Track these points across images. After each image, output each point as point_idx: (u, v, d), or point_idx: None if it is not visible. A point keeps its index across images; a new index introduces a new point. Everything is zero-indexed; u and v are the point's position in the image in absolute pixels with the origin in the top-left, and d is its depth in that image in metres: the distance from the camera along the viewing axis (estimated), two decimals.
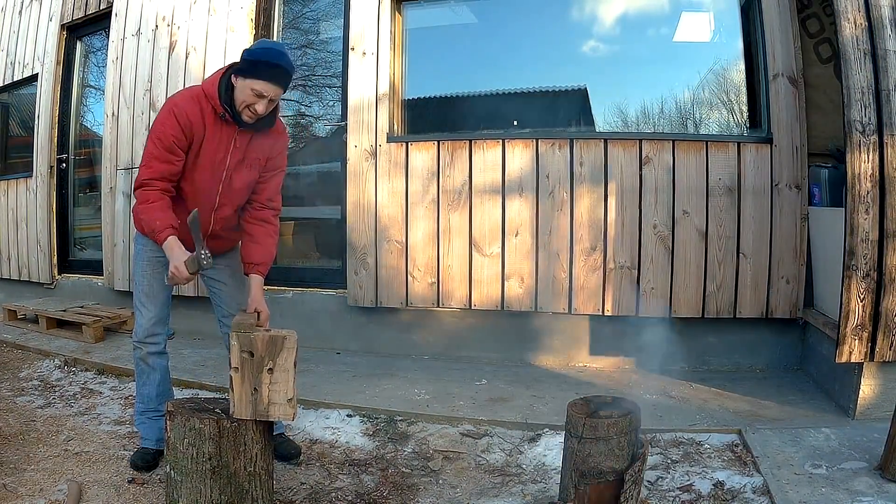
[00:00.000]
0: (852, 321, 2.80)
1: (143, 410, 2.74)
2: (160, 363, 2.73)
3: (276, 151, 2.63)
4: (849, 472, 2.39)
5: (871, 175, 2.76)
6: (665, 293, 3.68)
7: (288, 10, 4.66)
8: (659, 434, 2.84)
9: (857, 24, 2.81)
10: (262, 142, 2.55)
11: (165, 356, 2.76)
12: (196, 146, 2.45)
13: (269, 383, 2.10)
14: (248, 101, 2.37)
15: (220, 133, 2.46)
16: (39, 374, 3.92)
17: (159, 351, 2.71)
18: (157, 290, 2.66)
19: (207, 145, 2.46)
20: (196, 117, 2.42)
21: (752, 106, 3.79)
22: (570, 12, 4.10)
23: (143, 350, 2.68)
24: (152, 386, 2.71)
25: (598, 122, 4.03)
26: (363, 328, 4.23)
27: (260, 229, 2.64)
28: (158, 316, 2.67)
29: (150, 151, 2.44)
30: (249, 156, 2.54)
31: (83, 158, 5.64)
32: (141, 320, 2.67)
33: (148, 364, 2.70)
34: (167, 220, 2.42)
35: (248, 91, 2.36)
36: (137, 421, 2.78)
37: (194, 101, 2.43)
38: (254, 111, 2.39)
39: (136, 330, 2.70)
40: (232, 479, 2.07)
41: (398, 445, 2.88)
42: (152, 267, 2.65)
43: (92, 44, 5.59)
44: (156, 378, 2.72)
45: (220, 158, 2.49)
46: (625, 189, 3.71)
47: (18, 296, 5.68)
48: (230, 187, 2.55)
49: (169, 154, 2.42)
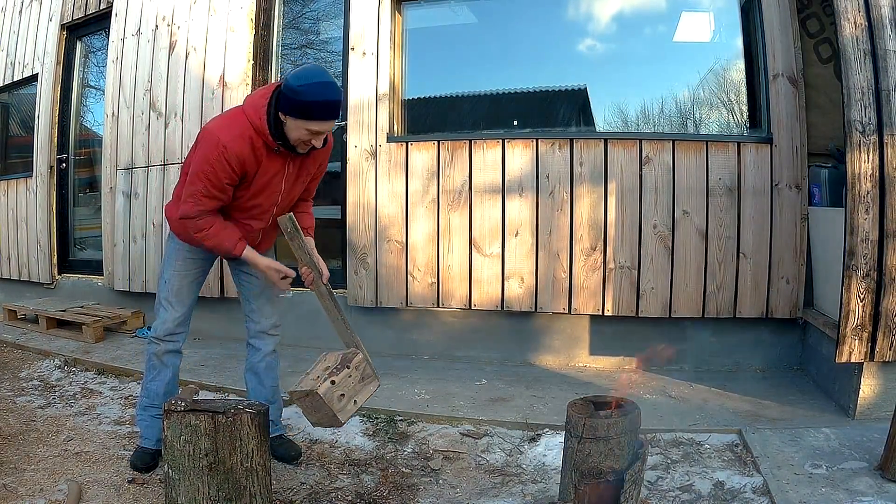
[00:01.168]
0: (852, 321, 2.80)
1: (146, 406, 2.71)
2: (174, 362, 2.72)
3: (323, 156, 2.64)
4: (849, 472, 2.39)
5: (871, 175, 2.76)
6: (665, 293, 3.68)
7: (288, 10, 4.66)
8: (659, 434, 2.84)
9: (857, 24, 2.81)
10: (315, 156, 2.56)
11: (180, 356, 2.74)
12: (249, 177, 2.42)
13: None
14: (304, 138, 2.33)
15: (273, 162, 2.43)
16: (39, 374, 3.92)
17: (176, 350, 2.70)
18: (187, 291, 2.66)
19: (261, 176, 2.43)
20: (248, 156, 2.36)
21: (752, 106, 3.79)
22: (570, 12, 4.10)
23: (160, 346, 2.66)
24: (161, 383, 2.69)
25: (598, 122, 4.03)
26: (363, 328, 4.22)
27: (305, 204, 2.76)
28: (184, 316, 2.67)
29: (198, 189, 2.37)
30: (302, 172, 2.56)
31: (83, 158, 5.64)
32: (165, 317, 2.64)
33: (162, 361, 2.68)
34: (234, 235, 2.47)
35: (302, 131, 2.30)
36: (139, 417, 2.76)
37: (244, 139, 2.34)
38: (313, 145, 2.37)
39: (156, 326, 2.67)
40: (229, 475, 2.07)
41: (398, 445, 2.88)
42: (186, 267, 2.64)
43: (92, 44, 5.59)
44: (166, 376, 2.70)
45: (275, 183, 2.48)
46: (625, 189, 3.71)
47: (18, 296, 5.68)
48: (285, 202, 2.59)
49: (220, 193, 2.40)
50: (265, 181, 2.45)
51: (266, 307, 2.76)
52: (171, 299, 2.64)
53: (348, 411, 2.26)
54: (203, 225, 2.42)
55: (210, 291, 4.51)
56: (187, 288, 2.67)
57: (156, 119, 4.72)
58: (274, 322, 2.79)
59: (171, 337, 2.66)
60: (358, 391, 2.31)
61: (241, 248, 2.48)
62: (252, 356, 2.79)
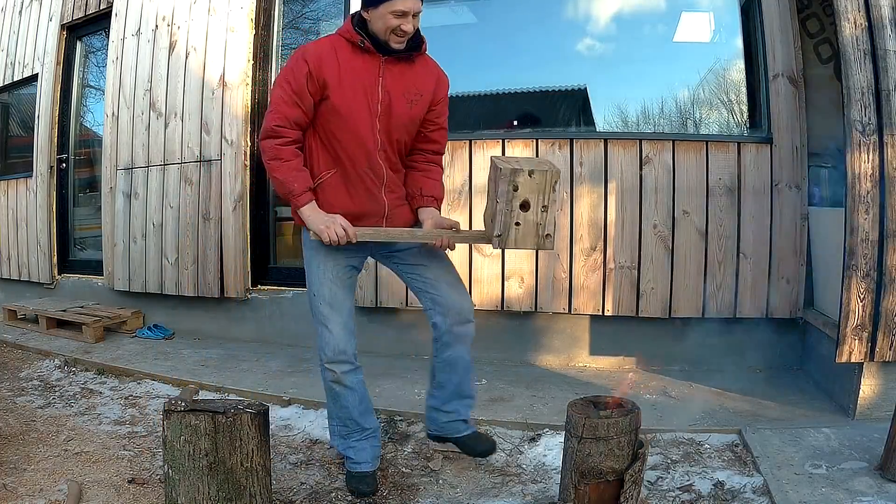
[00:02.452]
0: (852, 321, 2.80)
1: (345, 434, 2.47)
2: (356, 379, 2.43)
3: (438, 95, 2.38)
4: (849, 472, 2.39)
5: (871, 175, 2.75)
6: (665, 293, 3.68)
7: (288, 10, 4.66)
8: (659, 434, 2.84)
9: (857, 24, 2.81)
10: (416, 73, 2.32)
11: (360, 370, 2.45)
12: (334, 84, 2.21)
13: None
14: (392, 25, 2.16)
15: (361, 64, 2.24)
16: (39, 374, 3.92)
17: (353, 368, 2.41)
18: (341, 298, 2.37)
19: (346, 80, 2.22)
20: (327, 54, 2.22)
21: (752, 106, 3.79)
22: (570, 12, 4.10)
23: (334, 373, 2.38)
24: (350, 408, 2.43)
25: (598, 122, 4.03)
26: (363, 328, 4.21)
27: (436, 169, 2.48)
28: (346, 328, 2.37)
29: (277, 96, 2.25)
30: (406, 88, 2.30)
31: (83, 158, 5.64)
32: (327, 337, 2.35)
33: (345, 385, 2.40)
34: (305, 182, 2.25)
35: (388, 17, 2.15)
36: (341, 447, 2.51)
37: (324, 41, 2.27)
38: (402, 33, 2.18)
39: (321, 349, 2.37)
40: (229, 475, 2.07)
41: (398, 445, 2.88)
42: (334, 271, 2.36)
43: (92, 44, 5.59)
44: (353, 398, 2.43)
45: (369, 87, 2.24)
46: (625, 189, 3.71)
47: (18, 296, 5.68)
48: (389, 122, 2.29)
49: (297, 98, 2.22)
50: (355, 83, 2.22)
51: (450, 294, 2.39)
52: (326, 313, 2.35)
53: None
54: (283, 152, 2.23)
55: (210, 291, 4.52)
56: (341, 293, 2.38)
57: (156, 119, 4.72)
58: (466, 307, 2.41)
59: (343, 356, 2.38)
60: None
61: (306, 200, 2.24)
62: (443, 352, 2.45)
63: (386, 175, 2.34)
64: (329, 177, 2.31)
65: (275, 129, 2.25)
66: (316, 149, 2.32)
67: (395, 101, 2.28)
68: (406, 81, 2.30)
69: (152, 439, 2.93)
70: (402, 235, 2.32)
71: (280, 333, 4.44)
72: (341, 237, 2.21)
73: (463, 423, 2.54)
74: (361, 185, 2.31)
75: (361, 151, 2.29)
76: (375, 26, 2.20)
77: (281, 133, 2.25)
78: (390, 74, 2.27)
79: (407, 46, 2.26)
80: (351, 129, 2.26)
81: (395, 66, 2.28)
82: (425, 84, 2.35)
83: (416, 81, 2.32)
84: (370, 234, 2.28)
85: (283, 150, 2.25)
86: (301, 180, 2.25)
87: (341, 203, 2.31)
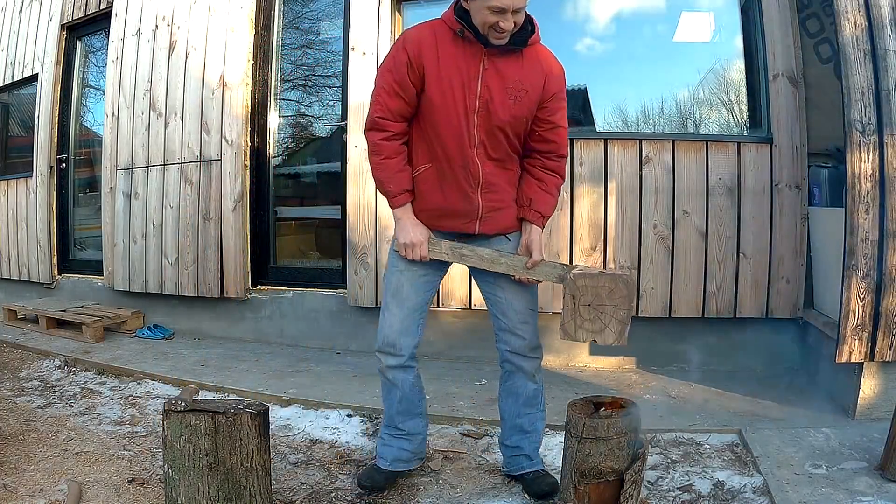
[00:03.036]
0: (852, 321, 2.80)
1: (385, 425, 2.46)
2: (402, 378, 2.35)
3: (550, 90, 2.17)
4: (849, 472, 2.39)
5: (871, 175, 2.76)
6: (665, 293, 3.68)
7: (288, 10, 4.66)
8: (659, 434, 2.84)
9: (857, 24, 2.81)
10: (523, 67, 2.13)
11: (411, 370, 2.36)
12: (432, 73, 2.10)
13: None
14: (489, 21, 1.99)
15: (460, 52, 2.10)
16: (39, 374, 3.92)
17: (401, 365, 2.33)
18: (406, 293, 2.30)
19: (445, 70, 2.09)
20: (427, 39, 2.10)
21: (752, 106, 3.79)
22: (570, 12, 4.10)
23: (381, 362, 2.34)
24: (392, 402, 2.39)
25: (598, 122, 4.03)
26: (363, 328, 4.23)
27: (553, 178, 2.26)
28: (403, 324, 2.29)
29: (379, 86, 2.16)
30: (509, 83, 2.12)
31: (83, 158, 5.64)
32: (382, 325, 2.31)
33: (388, 378, 2.35)
34: (402, 183, 2.18)
35: (484, 12, 1.99)
36: (379, 436, 2.52)
37: (426, 26, 2.15)
38: (500, 30, 2.01)
39: (378, 333, 2.34)
40: (229, 475, 2.07)
41: None
42: (409, 267, 2.29)
43: (92, 44, 5.59)
44: (396, 395, 2.37)
45: (467, 80, 2.10)
46: (625, 189, 3.71)
47: (18, 296, 5.68)
48: (489, 119, 2.13)
49: (399, 88, 2.12)
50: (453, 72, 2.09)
51: (515, 324, 2.32)
52: (387, 301, 2.30)
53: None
54: (384, 148, 2.16)
55: (210, 291, 4.52)
56: (408, 287, 2.29)
57: (156, 119, 4.72)
58: (528, 343, 2.33)
59: (392, 348, 2.30)
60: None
61: (400, 202, 2.18)
62: (505, 380, 2.43)
63: (483, 175, 2.19)
64: (424, 170, 2.23)
65: (377, 122, 2.18)
66: (416, 140, 2.23)
67: (497, 97, 2.12)
68: (510, 76, 2.12)
69: (152, 439, 2.93)
70: (480, 262, 2.24)
71: (280, 333, 4.45)
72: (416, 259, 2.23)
73: (525, 458, 2.41)
74: (455, 182, 2.20)
75: (456, 148, 2.16)
76: (475, 19, 2.05)
77: (383, 126, 2.17)
78: (493, 67, 2.11)
79: (511, 40, 2.09)
80: (446, 124, 2.15)
81: (499, 59, 2.11)
82: (532, 79, 2.15)
83: (522, 76, 2.13)
84: (446, 255, 2.26)
85: (384, 146, 2.18)
86: (397, 182, 2.19)
87: (434, 198, 2.23)
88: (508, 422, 2.44)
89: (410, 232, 2.21)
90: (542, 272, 2.20)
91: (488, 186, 2.21)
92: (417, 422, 2.46)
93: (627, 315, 1.94)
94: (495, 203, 2.24)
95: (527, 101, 2.15)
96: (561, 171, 2.28)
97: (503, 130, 2.17)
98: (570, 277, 1.95)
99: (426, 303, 2.36)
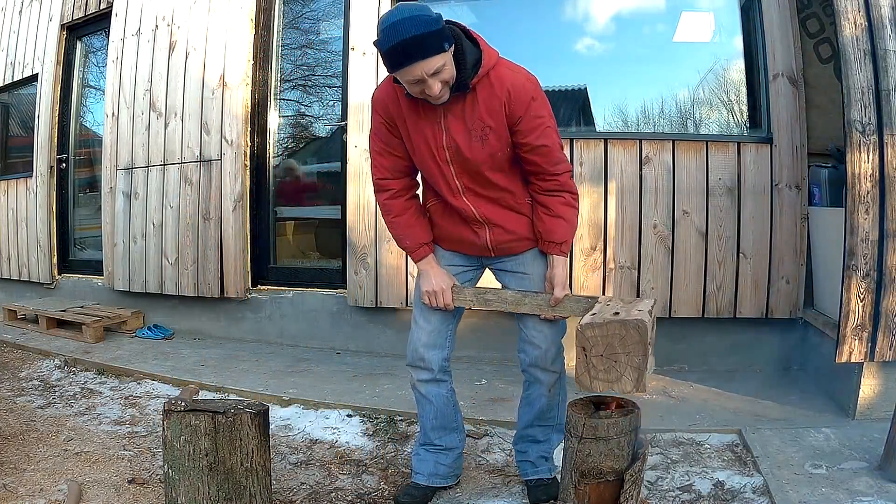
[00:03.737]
0: (852, 321, 2.80)
1: (421, 442, 2.43)
2: (436, 392, 2.34)
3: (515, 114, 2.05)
4: (849, 472, 2.39)
5: (871, 175, 2.76)
6: (665, 293, 3.68)
7: (288, 10, 4.66)
8: (659, 434, 2.84)
9: (857, 24, 2.81)
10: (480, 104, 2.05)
11: (444, 384, 2.35)
12: (402, 128, 2.13)
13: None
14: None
15: (420, 108, 2.08)
16: (39, 374, 3.92)
17: (433, 378, 2.31)
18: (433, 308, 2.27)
19: (411, 123, 2.11)
20: (390, 97, 2.12)
21: (752, 106, 3.79)
22: (570, 12, 4.10)
23: (412, 377, 2.34)
24: (427, 418, 2.37)
25: (598, 122, 4.03)
26: (363, 328, 4.23)
27: (555, 199, 2.16)
28: (431, 338, 2.29)
29: (371, 151, 2.23)
30: (470, 125, 2.07)
31: (83, 158, 5.64)
32: (410, 339, 2.32)
33: (420, 393, 2.35)
34: (417, 238, 2.22)
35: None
36: (414, 452, 2.49)
37: (386, 84, 2.14)
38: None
39: (407, 346, 2.35)
40: (229, 475, 2.07)
41: (398, 445, 2.88)
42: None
43: (92, 44, 5.59)
44: (430, 410, 2.35)
45: (431, 134, 2.09)
46: (625, 189, 3.71)
47: (18, 296, 5.69)
48: (464, 164, 2.11)
49: (387, 146, 2.17)
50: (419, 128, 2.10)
51: (534, 335, 2.27)
52: (415, 315, 2.30)
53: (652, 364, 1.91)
54: (392, 207, 2.20)
55: (210, 291, 4.52)
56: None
57: (156, 119, 4.72)
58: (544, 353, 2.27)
59: (421, 362, 2.30)
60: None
61: (420, 256, 2.21)
62: (525, 389, 2.41)
63: (481, 215, 2.17)
64: (433, 205, 2.28)
65: (379, 184, 2.23)
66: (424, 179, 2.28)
67: (462, 142, 2.07)
68: (469, 117, 2.06)
69: (152, 439, 2.93)
70: (505, 305, 2.21)
71: (280, 333, 4.45)
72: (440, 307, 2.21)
73: (530, 465, 2.41)
74: (461, 220, 2.22)
75: (447, 194, 2.18)
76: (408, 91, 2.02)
77: (385, 186, 2.22)
78: (451, 115, 2.07)
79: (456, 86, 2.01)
80: (429, 175, 2.20)
81: (455, 104, 2.06)
82: (492, 112, 2.05)
83: (480, 114, 2.06)
84: (471, 302, 2.24)
85: (391, 205, 2.22)
86: (413, 237, 2.22)
87: (447, 229, 2.26)
88: (521, 429, 2.44)
89: (433, 280, 2.22)
90: (567, 308, 2.15)
91: (492, 223, 2.20)
92: (454, 436, 2.43)
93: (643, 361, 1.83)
94: (505, 237, 2.22)
95: (493, 136, 2.07)
96: (563, 188, 2.16)
97: (482, 172, 2.12)
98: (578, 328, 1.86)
99: (454, 315, 2.34)
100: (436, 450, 2.41)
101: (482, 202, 2.17)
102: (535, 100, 2.07)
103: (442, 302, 2.21)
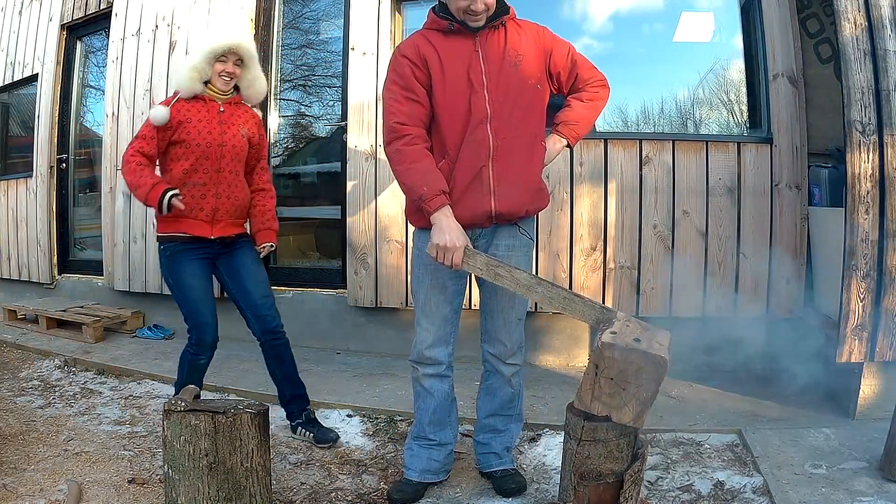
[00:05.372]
0: (852, 321, 2.80)
1: (415, 435, 2.47)
2: (438, 387, 2.38)
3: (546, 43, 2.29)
4: (849, 472, 2.39)
5: (871, 175, 2.76)
6: (665, 293, 3.68)
7: (288, 10, 4.65)
8: (659, 434, 2.84)
9: (857, 24, 2.81)
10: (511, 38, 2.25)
11: (447, 380, 2.40)
12: (435, 66, 2.19)
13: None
14: (461, 6, 2.14)
15: (456, 45, 2.20)
16: (39, 374, 3.92)
17: (437, 374, 2.37)
18: (435, 305, 2.30)
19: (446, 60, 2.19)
20: (421, 41, 2.22)
21: (752, 106, 3.79)
22: (570, 12, 4.10)
23: (417, 371, 2.39)
24: (425, 411, 2.41)
25: (597, 122, 4.02)
26: (363, 328, 4.23)
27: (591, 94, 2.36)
28: (436, 336, 2.32)
29: (387, 100, 2.21)
30: (506, 52, 2.22)
31: (83, 158, 5.64)
32: (416, 341, 2.37)
33: (423, 386, 2.40)
34: (436, 184, 2.11)
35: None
36: (406, 446, 2.51)
37: (416, 35, 2.27)
38: (472, 12, 2.14)
39: (412, 347, 2.40)
40: (229, 475, 2.07)
41: (398, 445, 2.88)
42: (432, 275, 2.27)
43: (92, 44, 5.59)
44: (430, 403, 2.40)
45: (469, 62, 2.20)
46: (625, 189, 3.71)
47: (18, 296, 5.68)
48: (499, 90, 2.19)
49: (408, 93, 2.17)
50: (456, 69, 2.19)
51: (501, 331, 2.35)
52: (418, 315, 2.34)
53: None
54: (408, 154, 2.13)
55: None
56: (437, 301, 2.30)
57: None
58: (509, 350, 2.35)
59: (427, 360, 2.35)
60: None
61: (437, 205, 2.09)
62: (485, 379, 2.48)
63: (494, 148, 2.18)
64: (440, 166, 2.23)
65: (394, 128, 2.17)
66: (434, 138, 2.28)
67: (497, 63, 2.21)
68: (504, 47, 2.23)
69: (152, 439, 2.93)
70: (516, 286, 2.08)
71: None
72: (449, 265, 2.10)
73: (494, 456, 2.45)
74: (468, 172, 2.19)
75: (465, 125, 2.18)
76: (451, 8, 2.19)
77: (401, 131, 2.16)
78: (487, 44, 2.22)
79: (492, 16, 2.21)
80: (454, 105, 2.18)
81: (489, 36, 2.23)
82: (524, 44, 2.26)
83: (513, 44, 2.24)
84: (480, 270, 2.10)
85: (408, 151, 2.14)
86: (432, 182, 2.11)
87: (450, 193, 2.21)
88: (481, 419, 2.49)
89: (447, 234, 2.08)
90: (578, 310, 2.05)
91: (500, 157, 2.20)
92: (448, 432, 2.47)
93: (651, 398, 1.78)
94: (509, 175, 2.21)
95: (526, 64, 2.24)
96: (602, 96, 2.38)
97: (512, 96, 2.21)
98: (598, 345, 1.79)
99: (456, 312, 2.36)
100: (429, 445, 2.44)
101: (501, 135, 2.19)
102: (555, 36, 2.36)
103: (450, 260, 2.08)
